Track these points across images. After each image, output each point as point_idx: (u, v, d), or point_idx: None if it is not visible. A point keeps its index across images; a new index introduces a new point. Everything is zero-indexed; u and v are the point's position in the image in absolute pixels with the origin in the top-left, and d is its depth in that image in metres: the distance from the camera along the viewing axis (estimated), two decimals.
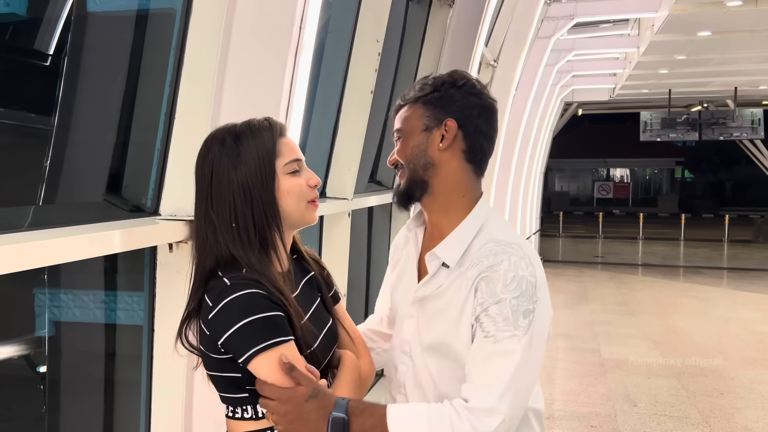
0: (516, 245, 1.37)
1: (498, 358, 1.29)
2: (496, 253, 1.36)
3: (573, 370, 6.41)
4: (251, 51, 1.95)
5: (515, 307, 1.30)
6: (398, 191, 1.48)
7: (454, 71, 1.47)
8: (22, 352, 2.17)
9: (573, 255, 16.67)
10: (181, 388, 1.87)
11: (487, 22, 4.83)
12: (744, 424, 5.04)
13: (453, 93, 1.43)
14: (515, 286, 1.31)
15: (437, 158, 1.42)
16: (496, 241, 1.38)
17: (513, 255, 1.35)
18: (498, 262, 1.34)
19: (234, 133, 1.36)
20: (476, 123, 1.43)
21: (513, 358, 1.28)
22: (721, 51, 10.36)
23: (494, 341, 1.30)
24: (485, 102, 1.45)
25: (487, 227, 1.42)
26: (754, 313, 9.30)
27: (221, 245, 1.32)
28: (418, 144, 1.43)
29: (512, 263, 1.33)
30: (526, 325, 1.29)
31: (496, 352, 1.29)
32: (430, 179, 1.43)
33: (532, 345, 1.30)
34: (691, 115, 16.93)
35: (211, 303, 1.29)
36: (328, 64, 3.35)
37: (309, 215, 1.40)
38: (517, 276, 1.32)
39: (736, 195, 34.68)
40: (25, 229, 1.57)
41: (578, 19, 8.85)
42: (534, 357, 1.31)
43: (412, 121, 1.45)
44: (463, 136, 1.42)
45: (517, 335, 1.29)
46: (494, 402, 1.25)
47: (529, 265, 1.34)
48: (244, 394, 1.33)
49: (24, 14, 2.16)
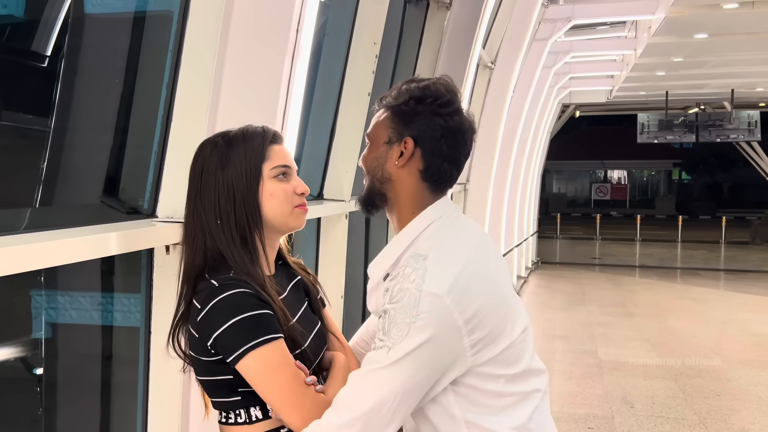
0: (422, 258, 1.32)
1: (366, 366, 1.30)
2: (404, 266, 1.34)
3: (570, 371, 6.41)
4: (249, 53, 1.95)
5: (393, 318, 1.28)
6: (360, 197, 1.48)
7: (432, 83, 1.42)
8: (19, 354, 2.16)
9: (570, 257, 16.69)
10: (178, 389, 1.87)
11: (485, 24, 4.85)
12: (741, 426, 5.05)
13: (419, 110, 1.39)
14: (398, 297, 1.29)
15: (394, 174, 1.41)
16: (413, 255, 1.35)
17: (410, 267, 1.31)
18: (396, 274, 1.33)
19: (227, 137, 1.39)
20: (437, 144, 1.39)
21: (375, 369, 1.28)
22: (718, 53, 10.39)
23: (373, 347, 1.31)
24: (452, 123, 1.40)
25: (418, 240, 1.38)
26: (751, 315, 9.32)
27: (208, 241, 1.34)
28: (377, 156, 1.43)
29: (405, 275, 1.31)
30: (399, 338, 1.26)
31: (368, 359, 1.30)
32: (387, 192, 1.43)
33: (404, 356, 1.26)
34: (688, 117, 16.97)
35: (200, 305, 1.29)
36: (325, 67, 3.35)
37: (294, 220, 1.41)
38: (402, 289, 1.29)
39: (734, 197, 34.72)
40: (21, 231, 1.57)
41: (575, 22, 8.87)
42: (408, 367, 1.26)
43: (379, 130, 1.44)
44: (421, 155, 1.39)
45: (388, 347, 1.27)
46: (345, 415, 1.27)
47: (420, 277, 1.29)
48: (237, 397, 1.33)
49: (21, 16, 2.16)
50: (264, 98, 1.98)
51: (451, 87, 1.43)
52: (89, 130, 2.09)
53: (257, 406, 1.34)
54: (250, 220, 1.36)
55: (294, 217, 1.41)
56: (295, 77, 2.04)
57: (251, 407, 1.34)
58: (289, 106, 2.06)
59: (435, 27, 4.54)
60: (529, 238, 13.17)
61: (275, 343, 1.28)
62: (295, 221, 1.41)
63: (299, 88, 2.11)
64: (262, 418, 1.34)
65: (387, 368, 1.27)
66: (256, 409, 1.34)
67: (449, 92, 1.41)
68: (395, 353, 1.26)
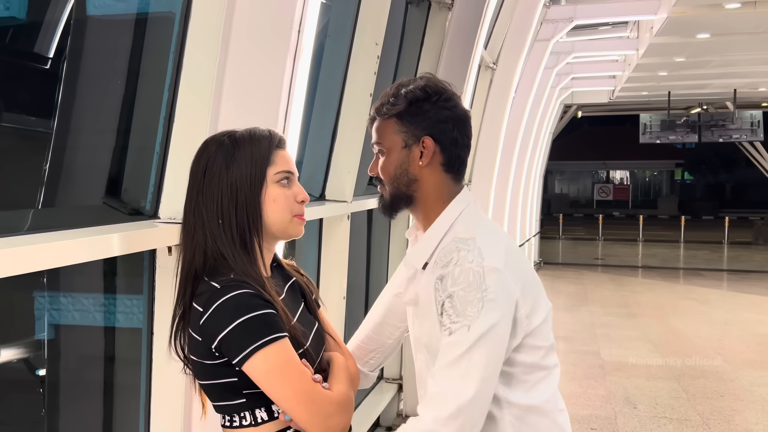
0: (470, 239, 1.42)
1: (453, 350, 1.35)
2: (450, 251, 1.43)
3: (573, 372, 6.40)
4: (250, 54, 1.95)
5: (463, 298, 1.36)
6: (383, 204, 1.55)
7: (427, 82, 1.49)
8: (22, 356, 2.16)
9: (573, 257, 16.67)
10: (181, 391, 1.87)
11: (486, 24, 4.84)
12: (744, 426, 5.04)
13: (427, 108, 1.47)
14: (462, 278, 1.37)
15: (419, 174, 1.49)
16: (456, 239, 1.45)
17: (462, 250, 1.41)
18: (450, 260, 1.41)
19: (233, 137, 1.38)
20: (452, 135, 1.48)
21: (463, 348, 1.34)
22: (720, 53, 10.37)
23: (449, 333, 1.37)
24: (458, 113, 1.49)
25: (454, 227, 1.47)
26: (754, 315, 9.29)
27: (209, 240, 1.34)
28: (400, 163, 1.49)
29: (460, 258, 1.40)
30: (475, 314, 1.34)
31: (451, 343, 1.36)
32: (414, 193, 1.50)
33: (487, 330, 1.34)
34: (691, 117, 16.94)
35: (202, 308, 1.28)
36: (327, 67, 3.35)
37: (293, 228, 1.42)
38: (463, 269, 1.38)
39: (736, 197, 34.67)
40: (24, 232, 1.57)
41: (577, 22, 8.85)
42: (485, 343, 1.34)
43: (390, 136, 1.49)
44: (440, 150, 1.48)
45: (467, 325, 1.34)
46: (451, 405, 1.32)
47: (476, 256, 1.39)
48: (242, 399, 1.32)
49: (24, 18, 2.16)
50: (266, 99, 1.98)
51: (442, 82, 1.52)
52: (91, 131, 2.09)
53: (262, 408, 1.33)
54: (251, 223, 1.35)
55: (293, 225, 1.41)
56: (296, 78, 2.04)
57: (256, 409, 1.33)
58: (291, 107, 2.06)
59: (437, 28, 4.54)
60: (532, 238, 13.15)
61: (281, 342, 1.27)
62: (293, 230, 1.42)
63: (301, 89, 2.11)
64: (268, 419, 1.34)
65: (473, 348, 1.34)
66: (261, 411, 1.33)
67: (445, 86, 1.50)
68: (476, 329, 1.34)
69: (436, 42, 4.53)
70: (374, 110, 1.53)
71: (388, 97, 1.50)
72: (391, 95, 1.50)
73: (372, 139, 1.54)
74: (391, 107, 1.48)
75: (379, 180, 1.53)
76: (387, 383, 4.63)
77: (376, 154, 1.54)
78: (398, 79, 1.61)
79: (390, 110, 1.48)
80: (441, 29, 4.54)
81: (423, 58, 4.54)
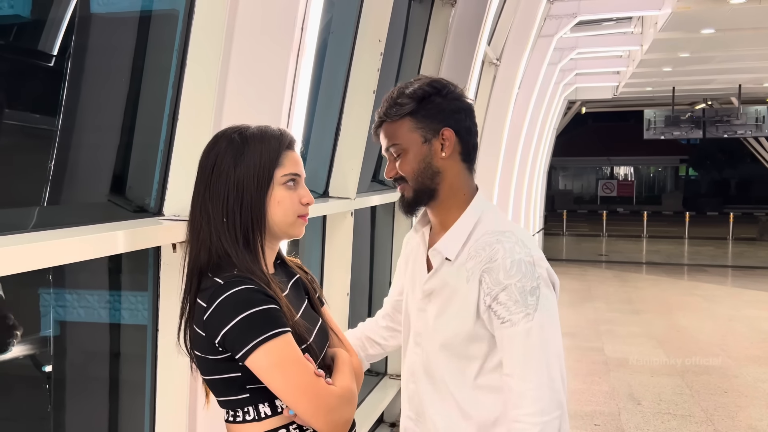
0: (509, 232, 1.48)
1: (523, 339, 1.41)
2: (491, 243, 1.46)
3: (577, 368, 6.40)
4: (254, 51, 1.96)
5: (521, 289, 1.41)
6: (406, 202, 1.55)
7: (430, 79, 1.53)
8: (28, 352, 2.18)
9: (577, 253, 16.65)
10: (185, 386, 1.88)
11: (490, 20, 4.83)
12: (748, 422, 5.04)
13: (440, 102, 1.51)
14: (515, 270, 1.42)
15: (442, 166, 1.52)
16: (490, 232, 1.49)
17: (506, 242, 1.46)
18: (495, 252, 1.45)
19: (243, 134, 1.38)
20: (466, 124, 1.54)
21: (535, 334, 1.40)
22: (724, 48, 10.33)
23: (511, 324, 1.42)
24: (465, 104, 1.55)
25: (483, 220, 1.53)
26: (759, 312, 9.28)
27: (213, 236, 1.34)
28: (422, 158, 1.51)
29: (507, 250, 1.44)
30: (535, 302, 1.41)
31: (517, 333, 1.41)
32: (438, 186, 1.52)
33: (547, 316, 1.42)
34: (695, 113, 16.90)
35: (205, 303, 1.29)
36: (330, 64, 3.35)
37: (295, 229, 1.42)
38: (515, 261, 1.43)
39: (741, 193, 34.53)
40: (29, 230, 1.58)
41: (581, 17, 8.82)
42: (552, 325, 1.43)
43: (407, 135, 1.51)
44: (459, 140, 1.52)
45: (530, 313, 1.41)
46: (541, 397, 1.39)
47: (523, 248, 1.45)
48: (245, 394, 1.33)
49: (28, 16, 2.17)
50: (269, 96, 1.99)
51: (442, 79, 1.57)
52: (96, 129, 2.09)
53: (266, 403, 1.34)
54: (255, 223, 1.35)
55: (296, 226, 1.42)
56: (300, 75, 2.05)
57: (260, 404, 1.34)
58: (295, 104, 2.06)
59: (440, 24, 4.53)
60: (536, 235, 13.14)
61: (284, 336, 1.28)
62: (295, 230, 1.42)
63: (304, 86, 2.11)
64: (271, 414, 1.34)
65: (543, 333, 1.41)
66: (264, 406, 1.34)
67: (447, 81, 1.56)
68: (540, 316, 1.41)
69: (440, 38, 4.53)
70: (381, 115, 1.54)
71: (393, 100, 1.51)
72: (396, 98, 1.51)
73: (383, 144, 1.55)
74: (401, 108, 1.50)
75: (398, 180, 1.54)
76: (391, 379, 4.64)
77: (390, 157, 1.55)
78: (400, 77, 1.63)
79: (400, 110, 1.50)
80: (444, 25, 4.53)
81: (426, 55, 4.53)
